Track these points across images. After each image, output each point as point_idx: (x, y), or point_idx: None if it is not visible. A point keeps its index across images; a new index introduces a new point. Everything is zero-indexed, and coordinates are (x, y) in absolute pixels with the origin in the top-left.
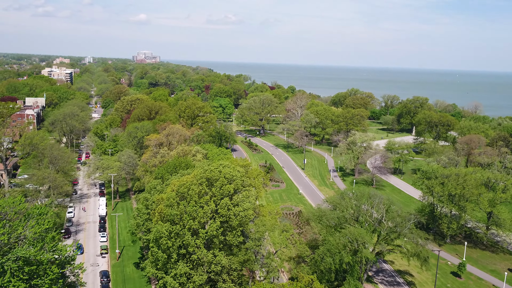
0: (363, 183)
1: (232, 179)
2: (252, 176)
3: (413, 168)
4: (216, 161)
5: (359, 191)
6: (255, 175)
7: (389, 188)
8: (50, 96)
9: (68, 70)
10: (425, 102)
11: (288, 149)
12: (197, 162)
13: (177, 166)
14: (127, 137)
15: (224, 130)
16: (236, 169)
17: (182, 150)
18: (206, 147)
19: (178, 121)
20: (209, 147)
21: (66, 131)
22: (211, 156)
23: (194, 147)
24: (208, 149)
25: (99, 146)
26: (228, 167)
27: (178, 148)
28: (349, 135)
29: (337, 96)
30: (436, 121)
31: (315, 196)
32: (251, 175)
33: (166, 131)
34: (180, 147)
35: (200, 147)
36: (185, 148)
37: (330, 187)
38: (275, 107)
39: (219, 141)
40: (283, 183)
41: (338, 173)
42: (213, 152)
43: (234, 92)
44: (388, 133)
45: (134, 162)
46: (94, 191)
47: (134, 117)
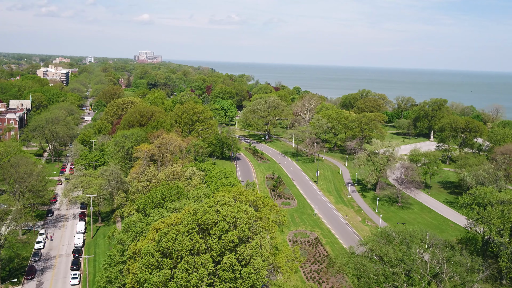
0: (386, 200)
1: (236, 222)
2: (263, 213)
3: (440, 180)
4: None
5: (407, 231)
6: (266, 210)
7: (417, 206)
8: (39, 98)
9: (64, 70)
10: (444, 105)
11: (297, 158)
12: (192, 190)
13: (165, 196)
14: (114, 147)
15: (226, 136)
16: (241, 208)
17: (173, 172)
18: (204, 167)
19: (174, 128)
20: (207, 166)
21: (49, 138)
22: (210, 179)
23: (189, 168)
24: (207, 169)
25: (83, 157)
26: (230, 205)
27: (168, 170)
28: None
29: (347, 98)
30: (463, 126)
31: (333, 218)
32: (262, 213)
33: (158, 141)
34: (170, 168)
35: (197, 167)
36: (177, 170)
37: (349, 205)
38: (281, 110)
39: (220, 149)
40: (294, 200)
41: (356, 187)
42: (213, 174)
43: (237, 93)
44: (404, 138)
45: (118, 180)
46: (74, 212)
47: (124, 123)
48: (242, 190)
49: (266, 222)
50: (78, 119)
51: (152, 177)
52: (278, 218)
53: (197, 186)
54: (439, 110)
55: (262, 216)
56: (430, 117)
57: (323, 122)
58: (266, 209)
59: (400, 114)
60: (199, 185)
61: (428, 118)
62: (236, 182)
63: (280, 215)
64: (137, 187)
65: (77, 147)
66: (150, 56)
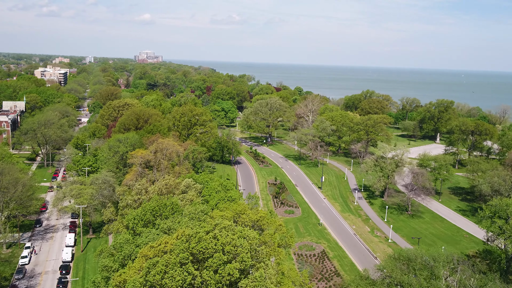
0: (395, 208)
1: (236, 252)
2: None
3: (450, 186)
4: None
5: (429, 254)
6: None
7: (429, 215)
8: (34, 99)
9: (62, 70)
10: (450, 106)
11: (300, 162)
12: (188, 206)
13: (156, 213)
14: (108, 152)
15: (227, 140)
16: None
17: (166, 185)
18: (202, 179)
19: (171, 132)
20: (205, 178)
21: (41, 142)
22: (208, 193)
23: (184, 180)
24: (204, 181)
25: (75, 163)
26: (230, 230)
27: (161, 182)
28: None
29: (351, 99)
30: (472, 129)
31: (340, 228)
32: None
33: (153, 147)
34: (162, 180)
35: (193, 179)
36: (170, 182)
37: (356, 214)
38: (283, 112)
39: (220, 152)
40: (298, 208)
41: (363, 194)
42: (211, 187)
43: (238, 93)
44: (410, 140)
45: (110, 189)
46: (64, 221)
47: (119, 126)
48: (243, 208)
49: (272, 246)
50: (74, 121)
51: (143, 190)
52: (285, 240)
53: (194, 201)
54: (445, 112)
55: (267, 240)
56: (437, 118)
57: (327, 124)
58: (271, 229)
59: (405, 115)
60: (195, 200)
61: (434, 120)
62: (237, 196)
63: (287, 236)
64: (127, 202)
65: (70, 151)
66: (150, 56)
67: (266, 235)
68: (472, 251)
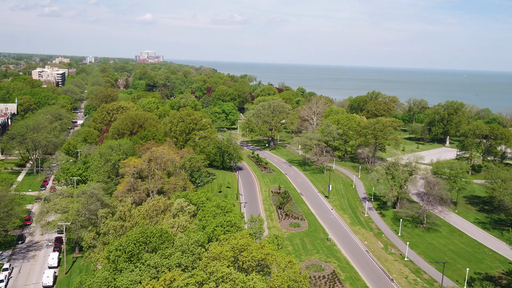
0: (409, 220)
1: None
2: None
3: (465, 195)
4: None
5: None
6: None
7: (446, 228)
8: (27, 101)
9: (60, 71)
10: (460, 108)
11: (304, 167)
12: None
13: (142, 244)
14: (99, 160)
15: (227, 145)
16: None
17: (154, 206)
18: (196, 199)
19: (168, 137)
20: (201, 197)
21: (30, 147)
22: (204, 217)
23: (176, 200)
24: (199, 201)
25: (64, 171)
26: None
27: (149, 204)
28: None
29: (356, 101)
30: (487, 133)
31: (350, 244)
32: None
33: (147, 155)
34: (151, 201)
35: (187, 198)
36: (159, 204)
37: (367, 227)
38: (287, 114)
39: (221, 158)
40: (304, 221)
41: (373, 204)
42: (207, 210)
43: (239, 94)
44: (418, 143)
45: (98, 203)
46: (50, 237)
47: (112, 131)
48: (246, 243)
49: None
50: (68, 124)
51: (127, 212)
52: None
53: (187, 227)
54: (455, 114)
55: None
56: (446, 121)
57: (333, 128)
58: (280, 267)
59: (412, 117)
60: (189, 226)
61: (443, 123)
62: (237, 220)
63: (300, 277)
64: (108, 228)
65: (61, 157)
66: (151, 56)
67: (274, 278)
68: (497, 272)
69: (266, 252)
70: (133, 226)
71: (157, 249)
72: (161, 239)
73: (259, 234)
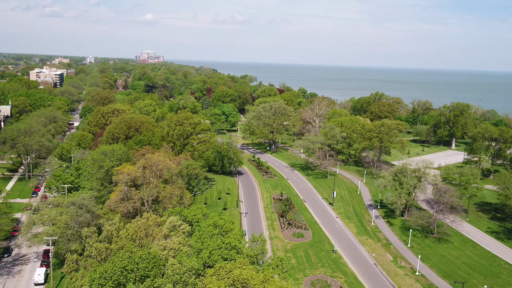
0: (419, 230)
1: None
2: None
3: (476, 201)
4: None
5: None
6: None
7: (457, 239)
8: (22, 103)
9: (58, 71)
10: (466, 110)
11: (307, 172)
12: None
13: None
14: (91, 167)
15: (227, 149)
16: None
17: (144, 227)
18: (192, 216)
19: (164, 142)
20: (197, 213)
21: (22, 152)
22: (200, 238)
23: (169, 219)
24: (195, 219)
25: (55, 177)
26: None
27: (139, 222)
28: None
29: (359, 102)
30: (496, 136)
31: (357, 257)
32: None
33: (141, 162)
34: (140, 220)
35: (181, 214)
36: (149, 223)
37: (375, 237)
38: (288, 116)
39: (220, 163)
40: (308, 230)
41: (380, 211)
42: (203, 230)
43: (239, 95)
44: (423, 146)
45: (88, 215)
46: (38, 250)
47: (107, 136)
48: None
49: None
50: (63, 126)
51: (114, 232)
52: None
53: (180, 250)
54: (461, 116)
55: None
56: (452, 123)
57: (337, 132)
58: None
59: (416, 119)
60: (182, 249)
61: (449, 125)
62: (237, 241)
63: None
64: (90, 251)
65: (54, 162)
66: (151, 56)
67: None
68: None
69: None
70: (120, 248)
71: (146, 276)
72: (150, 265)
73: (261, 256)
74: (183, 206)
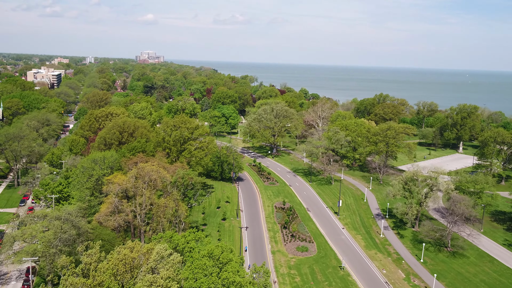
0: (431, 243)
1: None
2: None
3: (489, 211)
4: None
5: None
6: None
7: (473, 252)
8: (16, 105)
9: (56, 72)
10: (474, 112)
11: (310, 178)
12: None
13: None
14: (81, 176)
15: (227, 154)
16: None
17: (126, 259)
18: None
19: (160, 147)
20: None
21: (10, 158)
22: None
23: (156, 247)
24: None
25: (43, 186)
26: None
27: (121, 254)
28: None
29: (362, 103)
30: (509, 140)
31: (367, 274)
32: None
33: (133, 172)
34: (123, 250)
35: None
36: (133, 255)
37: (384, 251)
38: (291, 119)
39: (220, 168)
40: (313, 243)
41: (388, 221)
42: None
43: (240, 96)
44: (430, 149)
45: (73, 231)
46: (21, 267)
47: (99, 142)
48: None
49: None
50: (57, 130)
51: (93, 264)
52: None
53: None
54: (468, 118)
55: None
56: (459, 125)
57: (341, 136)
58: None
59: (421, 121)
60: (171, 286)
61: (456, 127)
62: (236, 275)
63: None
64: (65, 286)
65: (44, 169)
66: (151, 56)
67: None
68: None
69: None
70: (98, 285)
71: None
72: None
73: None
74: (179, 219)
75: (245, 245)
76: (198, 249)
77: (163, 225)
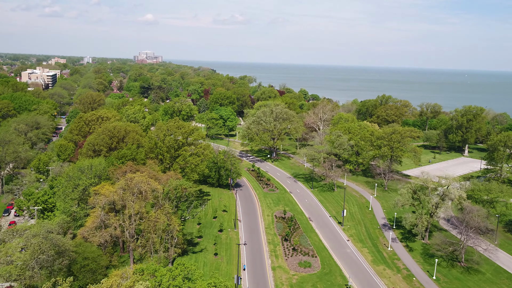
0: (443, 257)
1: None
2: None
3: (501, 219)
4: None
5: None
6: None
7: (489, 268)
8: (6, 107)
9: (51, 72)
10: (480, 114)
11: (312, 184)
12: None
13: None
14: (66, 185)
15: (224, 159)
16: None
17: None
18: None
19: (153, 154)
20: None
21: None
22: None
23: (137, 285)
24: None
25: (26, 196)
26: None
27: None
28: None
29: (364, 105)
30: None
31: None
32: None
33: (121, 183)
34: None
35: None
36: None
37: (393, 267)
38: (291, 122)
39: (217, 174)
40: (316, 258)
41: (396, 233)
42: None
43: (238, 98)
44: (434, 153)
45: (51, 251)
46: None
47: (87, 148)
48: None
49: None
50: (48, 133)
51: None
52: None
53: None
54: (474, 120)
55: None
56: (465, 128)
57: (345, 139)
58: None
59: (425, 122)
60: None
61: (462, 130)
62: None
63: None
64: None
65: (29, 177)
66: (150, 56)
67: None
68: None
69: None
70: None
71: None
72: None
73: None
74: (171, 235)
75: (244, 263)
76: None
77: (154, 241)
